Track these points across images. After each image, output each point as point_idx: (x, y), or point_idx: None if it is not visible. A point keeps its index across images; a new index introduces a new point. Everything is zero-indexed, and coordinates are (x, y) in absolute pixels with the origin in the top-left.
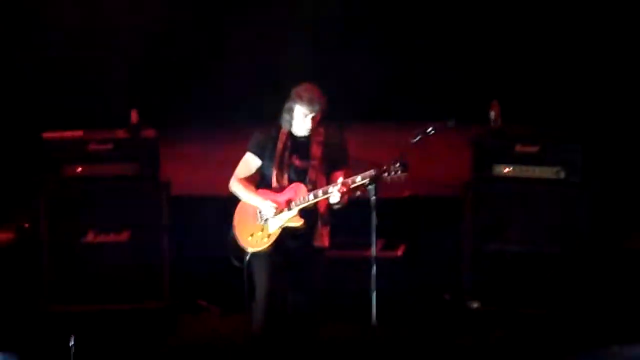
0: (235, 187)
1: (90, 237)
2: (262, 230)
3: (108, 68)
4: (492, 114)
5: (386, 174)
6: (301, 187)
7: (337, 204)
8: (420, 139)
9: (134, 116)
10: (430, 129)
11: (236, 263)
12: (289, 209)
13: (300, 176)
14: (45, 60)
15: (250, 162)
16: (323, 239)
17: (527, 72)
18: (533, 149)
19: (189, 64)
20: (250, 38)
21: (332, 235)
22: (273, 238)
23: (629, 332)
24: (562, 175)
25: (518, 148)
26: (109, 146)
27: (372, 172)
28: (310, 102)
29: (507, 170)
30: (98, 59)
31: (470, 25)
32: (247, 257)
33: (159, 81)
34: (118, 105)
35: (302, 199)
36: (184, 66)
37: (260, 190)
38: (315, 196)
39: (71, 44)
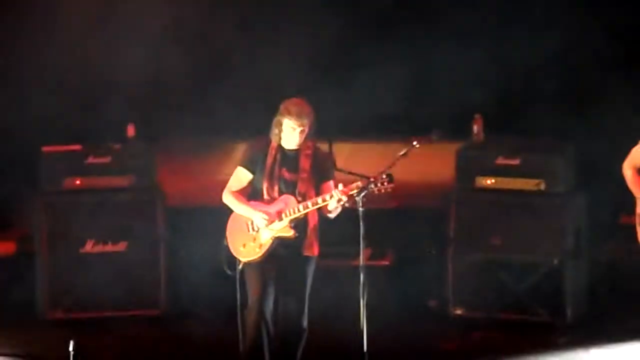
0: (228, 199)
1: (88, 247)
2: (254, 240)
3: (107, 84)
4: (475, 127)
5: (373, 186)
6: (291, 199)
7: (331, 211)
8: (406, 152)
9: (130, 130)
10: (415, 142)
11: (229, 272)
12: (280, 219)
13: (289, 188)
14: (47, 76)
15: (241, 176)
16: (313, 248)
17: (509, 85)
18: (514, 161)
19: (186, 83)
20: (245, 58)
21: (321, 245)
22: (265, 248)
23: (607, 336)
24: (543, 187)
25: (499, 160)
26: (107, 159)
27: (358, 183)
28: (298, 116)
29: (489, 182)
30: (98, 74)
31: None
32: (240, 266)
33: (156, 96)
34: (116, 120)
35: (292, 210)
36: (180, 84)
37: (251, 202)
38: (305, 207)
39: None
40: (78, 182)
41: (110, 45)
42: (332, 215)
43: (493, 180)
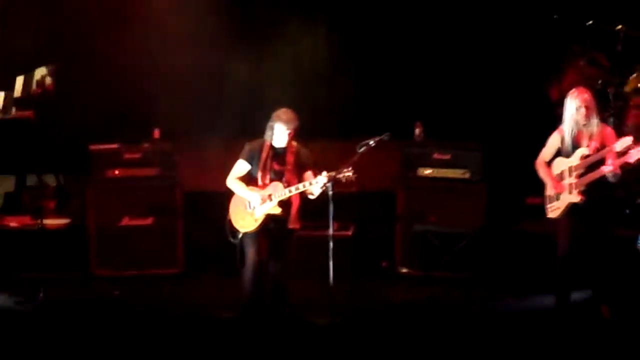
0: (231, 184)
1: (125, 221)
2: (251, 216)
3: (140, 94)
4: (417, 131)
5: (341, 175)
6: (279, 185)
7: (314, 194)
8: (364, 149)
9: (156, 133)
10: (372, 141)
11: (232, 240)
12: (270, 200)
13: (278, 176)
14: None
15: (241, 167)
16: (295, 223)
17: (443, 97)
18: (446, 156)
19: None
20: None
21: (302, 220)
22: (259, 222)
23: (519, 289)
24: (467, 175)
25: (435, 156)
26: (138, 155)
27: (332, 173)
28: (287, 122)
29: (427, 172)
30: (130, 87)
31: (399, 64)
32: (240, 236)
33: (175, 104)
34: (144, 124)
35: (280, 193)
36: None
37: (249, 187)
38: (290, 191)
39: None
40: (117, 172)
41: (142, 60)
42: (313, 197)
43: (430, 171)
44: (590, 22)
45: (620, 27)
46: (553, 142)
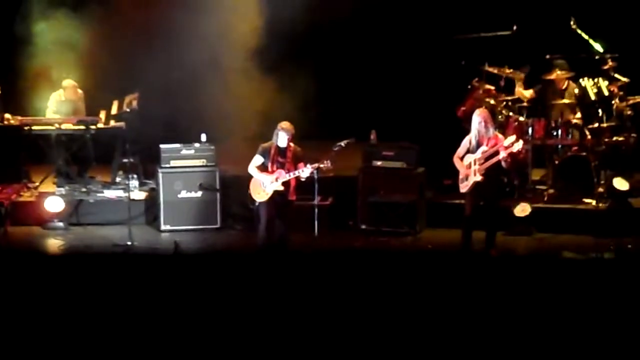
0: (251, 170)
1: (182, 194)
2: (264, 191)
3: (192, 111)
4: (372, 136)
5: (323, 165)
6: (282, 172)
7: (303, 178)
8: (338, 148)
9: (203, 137)
10: (343, 143)
11: (251, 206)
12: (277, 181)
13: (281, 166)
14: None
15: (257, 159)
16: (292, 196)
17: (390, 111)
18: (391, 153)
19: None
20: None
21: (297, 194)
22: (269, 195)
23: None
24: (405, 165)
25: (384, 152)
26: (192, 151)
27: (316, 164)
28: (287, 130)
29: (379, 163)
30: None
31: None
32: (257, 204)
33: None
34: (191, 130)
35: (282, 177)
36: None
37: (262, 172)
38: (289, 176)
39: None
40: (177, 162)
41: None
42: (303, 179)
43: (381, 162)
44: (486, 65)
45: (504, 69)
46: (465, 143)
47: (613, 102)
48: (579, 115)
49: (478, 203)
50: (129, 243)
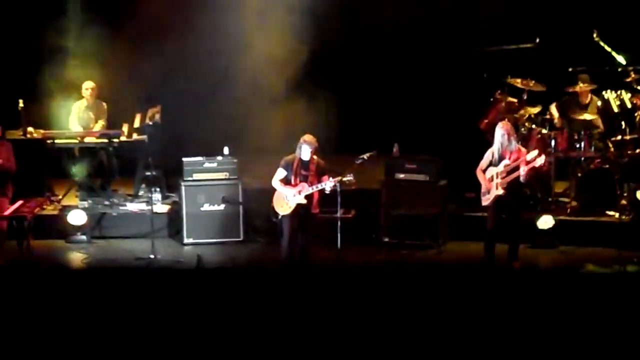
0: (274, 183)
1: (205, 207)
2: (287, 204)
3: (214, 125)
4: (395, 149)
5: (346, 179)
6: (305, 185)
7: (327, 191)
8: (361, 161)
9: (225, 150)
10: (365, 155)
11: (274, 219)
12: (300, 194)
13: (304, 179)
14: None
15: (281, 173)
16: (315, 209)
17: (413, 125)
18: (414, 165)
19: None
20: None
21: (320, 207)
22: (292, 208)
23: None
24: (428, 178)
25: (407, 165)
26: (214, 164)
27: (339, 177)
28: (310, 143)
29: (402, 176)
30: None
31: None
32: (280, 217)
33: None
34: (216, 145)
35: (305, 190)
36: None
37: (286, 186)
38: (312, 189)
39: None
40: (199, 175)
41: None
42: (327, 192)
43: (403, 175)
44: (509, 77)
45: (525, 82)
46: (487, 156)
47: (636, 114)
48: (601, 127)
49: (500, 216)
50: (152, 256)
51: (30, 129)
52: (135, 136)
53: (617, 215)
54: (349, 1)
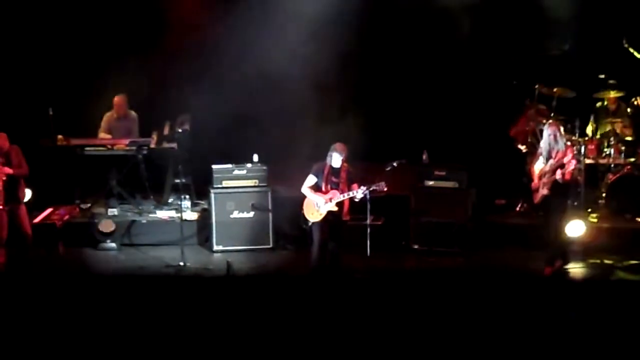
0: (304, 190)
1: (234, 214)
2: (317, 211)
3: (244, 133)
4: (424, 157)
5: (377, 187)
6: (336, 192)
7: (357, 198)
8: (390, 168)
9: (255, 157)
10: (394, 163)
11: (304, 226)
12: (331, 202)
13: (335, 186)
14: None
15: (311, 180)
16: (346, 216)
17: (442, 133)
18: (443, 173)
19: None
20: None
21: (350, 214)
22: (322, 215)
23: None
24: (457, 185)
25: (436, 172)
26: (244, 171)
27: (370, 185)
28: (341, 151)
29: (431, 183)
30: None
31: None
32: (310, 224)
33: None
34: (249, 150)
35: (336, 197)
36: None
37: (316, 193)
38: (343, 196)
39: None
40: (229, 183)
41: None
42: (357, 200)
43: (432, 182)
44: (537, 85)
45: (555, 89)
46: (537, 155)
47: None
48: (631, 134)
49: (547, 214)
50: (182, 264)
51: (59, 136)
52: (164, 144)
53: None
54: (377, 12)
